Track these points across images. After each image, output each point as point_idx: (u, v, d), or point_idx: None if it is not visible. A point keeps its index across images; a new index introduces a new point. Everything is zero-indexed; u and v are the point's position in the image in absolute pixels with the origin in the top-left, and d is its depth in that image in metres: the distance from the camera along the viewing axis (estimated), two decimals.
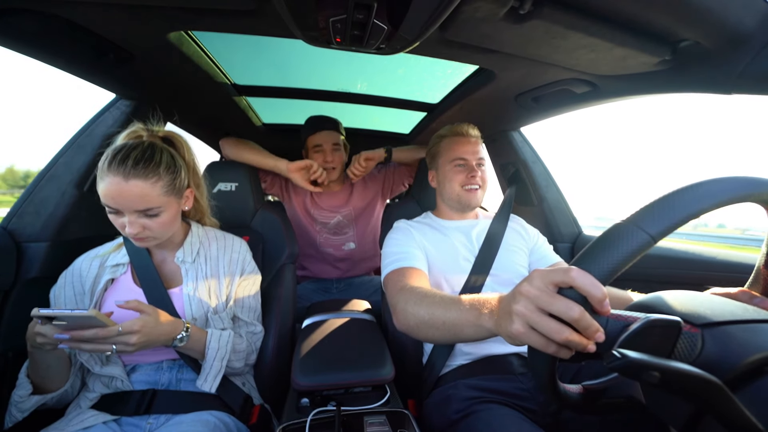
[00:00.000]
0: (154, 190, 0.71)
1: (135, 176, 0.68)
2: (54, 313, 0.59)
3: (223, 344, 0.79)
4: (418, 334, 0.68)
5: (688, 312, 0.40)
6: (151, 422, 0.73)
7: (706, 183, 0.40)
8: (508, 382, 0.81)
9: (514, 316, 0.42)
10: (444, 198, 1.06)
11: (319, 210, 1.51)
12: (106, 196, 0.69)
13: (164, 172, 0.73)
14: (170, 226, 0.77)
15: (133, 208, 0.70)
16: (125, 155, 0.69)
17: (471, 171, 0.99)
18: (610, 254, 0.39)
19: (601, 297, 0.38)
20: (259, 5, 0.65)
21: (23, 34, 0.70)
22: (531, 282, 0.42)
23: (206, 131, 1.64)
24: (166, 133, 0.83)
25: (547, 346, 0.40)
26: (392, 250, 0.92)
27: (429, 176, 1.11)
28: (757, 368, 0.34)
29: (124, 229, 0.71)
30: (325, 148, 1.40)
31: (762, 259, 0.49)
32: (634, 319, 0.39)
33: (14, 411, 0.68)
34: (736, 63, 0.63)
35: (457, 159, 1.01)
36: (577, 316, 0.37)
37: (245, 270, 0.92)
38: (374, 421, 0.69)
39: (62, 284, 0.79)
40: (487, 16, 0.62)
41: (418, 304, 0.67)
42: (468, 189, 0.99)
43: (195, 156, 0.86)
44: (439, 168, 1.06)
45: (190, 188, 0.83)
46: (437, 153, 1.07)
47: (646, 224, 0.39)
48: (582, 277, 0.38)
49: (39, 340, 0.62)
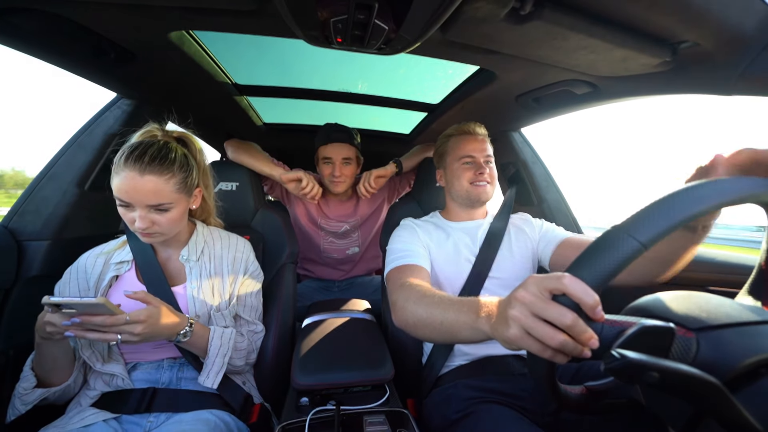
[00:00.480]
0: (167, 186, 0.73)
1: (150, 172, 0.71)
2: (64, 301, 0.60)
3: (225, 341, 0.80)
4: (416, 333, 0.68)
5: (684, 315, 0.40)
6: (151, 420, 0.73)
7: (697, 187, 0.40)
8: (508, 383, 0.81)
9: (510, 321, 0.43)
10: (453, 196, 1.05)
11: (327, 219, 1.49)
12: (120, 190, 0.71)
13: (178, 169, 0.75)
14: (178, 222, 0.79)
15: (145, 202, 0.72)
16: (142, 152, 0.72)
17: (479, 168, 0.99)
18: (602, 261, 0.39)
19: (593, 304, 0.38)
20: (260, 5, 0.65)
21: (25, 33, 0.70)
22: (526, 288, 0.43)
23: (207, 131, 1.65)
24: (180, 134, 0.86)
25: (543, 351, 0.40)
26: (397, 247, 0.93)
27: (437, 175, 1.10)
28: (754, 371, 0.34)
29: (134, 223, 0.73)
30: (335, 161, 1.33)
31: (763, 255, 0.49)
32: (629, 324, 0.39)
33: (17, 403, 0.69)
34: (736, 64, 0.63)
35: (465, 156, 1.00)
36: (570, 322, 0.38)
37: (248, 270, 0.93)
38: (374, 420, 0.69)
39: (67, 280, 0.80)
40: (488, 17, 0.63)
41: (417, 302, 0.68)
42: (476, 185, 0.99)
43: (206, 157, 0.89)
44: (447, 166, 1.05)
45: (200, 188, 0.85)
46: (445, 152, 1.06)
47: (636, 231, 0.39)
48: (574, 284, 0.38)
49: (48, 329, 0.63)
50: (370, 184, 1.33)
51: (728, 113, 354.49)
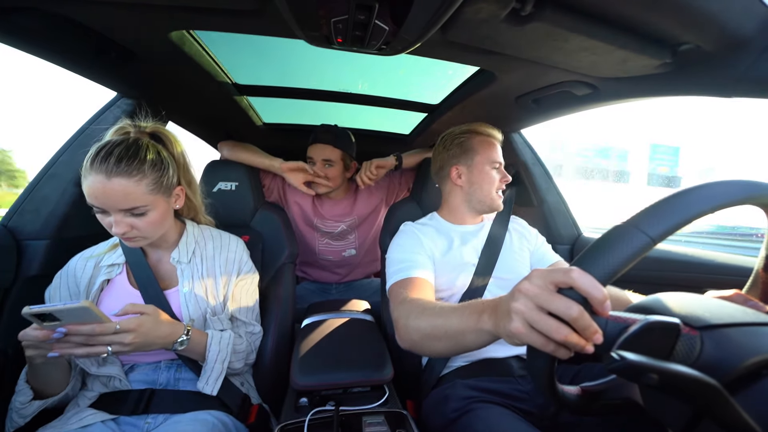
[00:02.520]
0: (138, 188, 0.69)
1: (118, 174, 0.66)
2: (46, 309, 0.56)
3: (224, 346, 0.78)
4: (423, 349, 0.66)
5: (688, 314, 0.40)
6: (149, 422, 0.73)
7: (706, 186, 0.41)
8: (507, 384, 0.81)
9: (513, 314, 0.42)
10: (472, 198, 0.99)
11: (323, 219, 1.48)
12: (90, 196, 0.67)
13: (149, 169, 0.70)
14: (160, 225, 0.76)
15: (117, 207, 0.68)
16: (108, 152, 0.67)
17: (504, 176, 0.98)
18: (611, 256, 0.39)
19: (601, 298, 0.38)
20: (261, 5, 0.65)
21: (26, 32, 0.70)
22: (531, 280, 0.42)
23: (207, 130, 1.65)
24: (154, 129, 0.80)
25: (546, 344, 0.39)
26: (398, 257, 0.90)
27: (452, 172, 0.99)
28: (756, 371, 0.34)
29: (112, 228, 0.70)
30: (315, 161, 1.34)
31: (761, 262, 0.49)
32: (633, 320, 0.39)
33: (15, 417, 0.67)
34: (736, 66, 0.63)
35: (496, 161, 0.98)
36: (576, 315, 0.37)
37: (242, 270, 0.91)
38: (373, 421, 0.69)
39: (57, 285, 0.78)
40: (489, 18, 0.63)
41: (419, 317, 0.66)
42: (500, 194, 0.99)
43: (185, 152, 0.83)
44: (474, 166, 0.97)
45: (181, 186, 0.81)
46: (471, 149, 0.98)
47: (646, 226, 0.39)
48: (583, 277, 0.38)
49: (29, 353, 0.60)
50: (371, 172, 1.32)
51: (727, 117, 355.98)
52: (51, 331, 0.58)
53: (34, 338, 0.58)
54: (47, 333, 0.58)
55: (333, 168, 1.35)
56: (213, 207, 0.97)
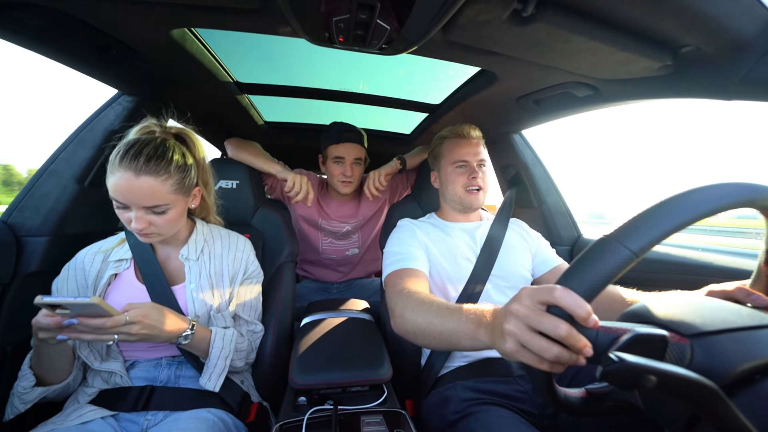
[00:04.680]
0: (163, 188, 0.71)
1: (146, 173, 0.69)
2: (57, 301, 0.59)
3: (227, 343, 0.79)
4: (415, 340, 0.68)
5: (679, 321, 0.40)
6: (149, 418, 0.73)
7: (687, 194, 0.40)
8: (507, 385, 0.81)
9: (506, 336, 0.43)
10: (446, 199, 1.06)
11: (328, 220, 1.48)
12: (115, 191, 0.69)
13: (175, 170, 0.73)
14: (176, 223, 0.78)
15: (141, 204, 0.70)
16: (138, 151, 0.69)
17: (472, 172, 0.99)
18: (593, 271, 0.39)
19: (584, 315, 0.38)
20: (263, 4, 0.65)
21: (26, 28, 0.70)
22: (520, 301, 0.43)
23: (208, 129, 1.65)
24: (179, 131, 0.83)
25: (540, 363, 0.41)
26: (394, 250, 0.92)
27: (431, 177, 1.11)
28: (748, 377, 0.34)
29: (130, 223, 0.72)
30: (347, 161, 1.32)
31: (762, 256, 0.49)
32: (624, 331, 0.39)
33: (17, 402, 0.68)
34: (737, 69, 0.63)
35: (459, 161, 1.01)
36: (564, 334, 0.38)
37: (248, 269, 0.92)
38: (371, 420, 0.69)
39: (65, 276, 0.79)
40: (490, 19, 0.63)
41: (416, 311, 0.67)
42: (469, 190, 1.00)
43: (206, 154, 0.87)
44: (441, 169, 1.06)
45: (199, 187, 0.83)
46: (439, 154, 1.07)
47: (627, 240, 0.39)
48: (566, 296, 0.38)
49: (41, 335, 0.62)
50: (381, 182, 1.30)
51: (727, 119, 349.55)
52: (62, 318, 0.60)
53: (46, 325, 0.60)
54: (58, 320, 0.60)
55: (360, 166, 1.37)
56: (224, 208, 0.99)
